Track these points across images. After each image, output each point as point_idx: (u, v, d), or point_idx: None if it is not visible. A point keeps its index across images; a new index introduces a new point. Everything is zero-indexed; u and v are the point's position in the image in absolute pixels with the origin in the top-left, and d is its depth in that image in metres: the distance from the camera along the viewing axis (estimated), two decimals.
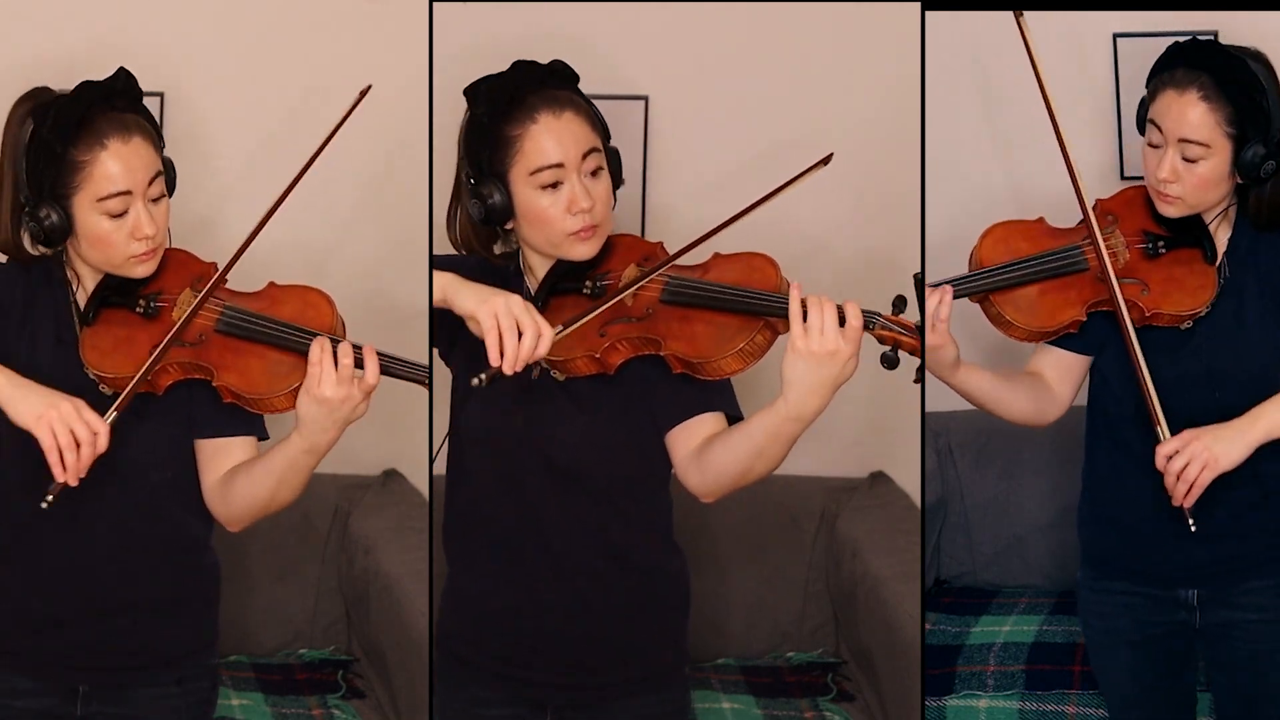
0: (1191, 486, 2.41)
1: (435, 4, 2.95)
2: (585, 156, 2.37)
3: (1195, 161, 2.43)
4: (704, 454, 2.37)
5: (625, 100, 3.38)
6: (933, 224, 3.09)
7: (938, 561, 3.61)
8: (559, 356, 2.35)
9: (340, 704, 3.28)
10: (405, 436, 3.46)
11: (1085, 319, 2.49)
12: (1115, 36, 3.42)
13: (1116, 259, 2.48)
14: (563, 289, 2.41)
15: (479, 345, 2.31)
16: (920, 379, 2.33)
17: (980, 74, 3.47)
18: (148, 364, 2.33)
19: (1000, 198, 3.49)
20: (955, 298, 2.46)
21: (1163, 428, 2.42)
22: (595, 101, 2.44)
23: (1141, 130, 2.51)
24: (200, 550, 2.52)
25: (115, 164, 2.33)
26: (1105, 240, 2.48)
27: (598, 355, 2.35)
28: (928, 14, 2.93)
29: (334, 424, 2.33)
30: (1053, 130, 2.49)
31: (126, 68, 2.41)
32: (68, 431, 2.27)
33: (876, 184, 3.41)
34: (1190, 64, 2.43)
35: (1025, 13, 2.51)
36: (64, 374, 2.37)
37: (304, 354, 2.31)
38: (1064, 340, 2.55)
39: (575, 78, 2.43)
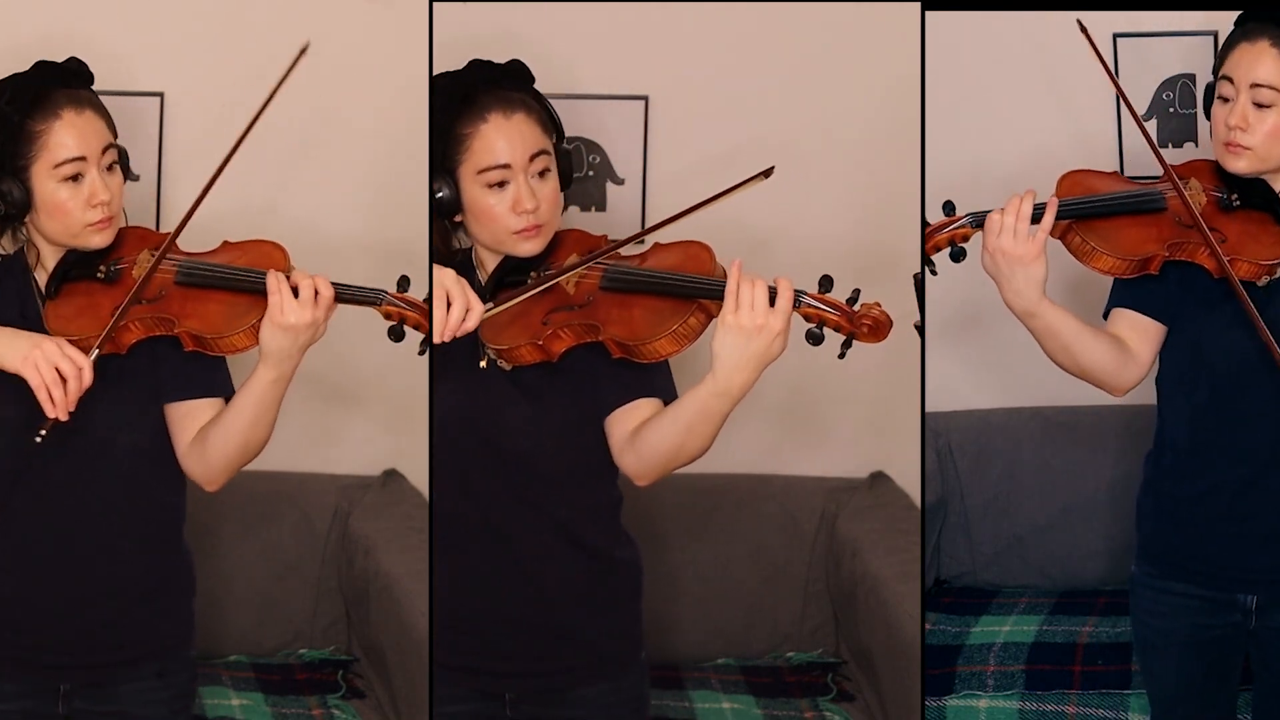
0: None
1: (435, 4, 2.95)
2: (533, 158, 2.43)
3: (1266, 109, 2.46)
4: (638, 435, 2.41)
5: (625, 100, 3.38)
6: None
7: (938, 561, 3.61)
8: (503, 345, 2.40)
9: (340, 704, 3.28)
10: (405, 436, 3.46)
11: (1166, 257, 2.47)
12: (1115, 36, 3.42)
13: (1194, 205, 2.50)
14: (509, 282, 2.47)
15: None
16: (842, 353, 2.33)
17: (983, 70, 3.48)
18: (119, 312, 2.40)
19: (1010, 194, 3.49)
20: (1039, 221, 2.43)
21: None
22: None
23: (1208, 110, 2.54)
24: (176, 537, 2.56)
25: (69, 132, 2.42)
26: (1183, 187, 2.50)
27: (540, 342, 2.39)
28: (928, 14, 2.93)
29: (298, 349, 2.39)
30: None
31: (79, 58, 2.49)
32: (52, 368, 2.35)
33: (876, 183, 3.41)
34: (1261, 18, 2.48)
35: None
36: None
37: (260, 293, 2.39)
38: (1139, 302, 2.54)
39: (530, 78, 2.48)
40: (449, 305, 2.36)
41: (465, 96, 2.43)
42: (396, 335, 2.40)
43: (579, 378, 2.44)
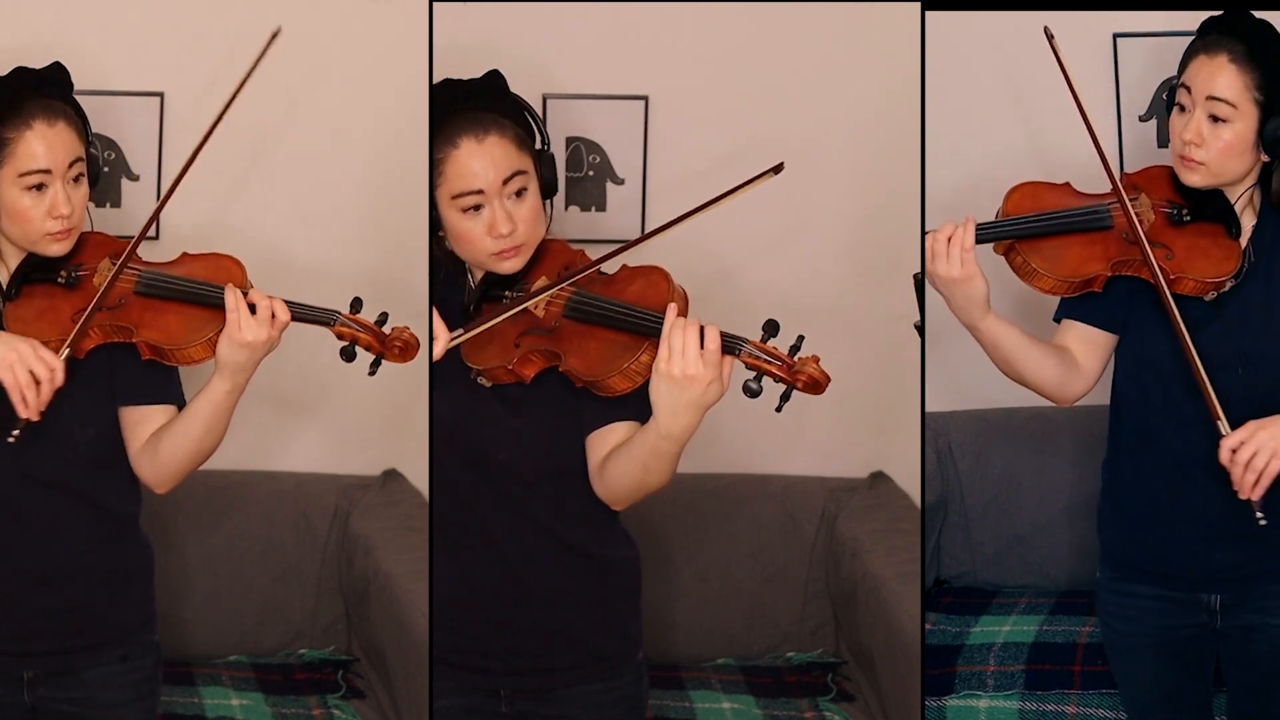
0: (1260, 476, 2.39)
1: (435, 4, 2.95)
2: (507, 181, 2.43)
3: (1222, 123, 2.44)
4: (605, 466, 2.43)
5: (625, 100, 3.38)
6: (933, 219, 3.09)
7: (938, 561, 3.61)
8: (481, 365, 2.42)
9: (340, 704, 3.28)
10: (405, 436, 3.46)
11: (1110, 275, 2.48)
12: (1115, 36, 3.42)
13: (1142, 222, 2.49)
14: (491, 296, 2.49)
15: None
16: (780, 405, 2.29)
17: (983, 70, 3.48)
18: (82, 321, 2.45)
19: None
20: (981, 242, 2.47)
21: (1223, 421, 2.41)
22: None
23: (1169, 111, 2.53)
24: (130, 524, 2.61)
25: (39, 143, 2.45)
26: (1131, 205, 2.50)
27: (510, 366, 2.41)
28: (928, 14, 2.93)
29: (253, 363, 2.44)
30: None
31: (61, 62, 2.51)
32: (27, 371, 2.41)
33: (877, 183, 3.41)
34: (1222, 30, 2.46)
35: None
36: None
37: (217, 307, 2.44)
38: (1087, 314, 2.55)
39: (504, 91, 2.47)
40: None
41: (436, 119, 2.44)
42: (348, 356, 2.43)
43: (562, 394, 2.45)
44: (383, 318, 2.43)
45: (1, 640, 2.54)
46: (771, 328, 2.30)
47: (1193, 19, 2.53)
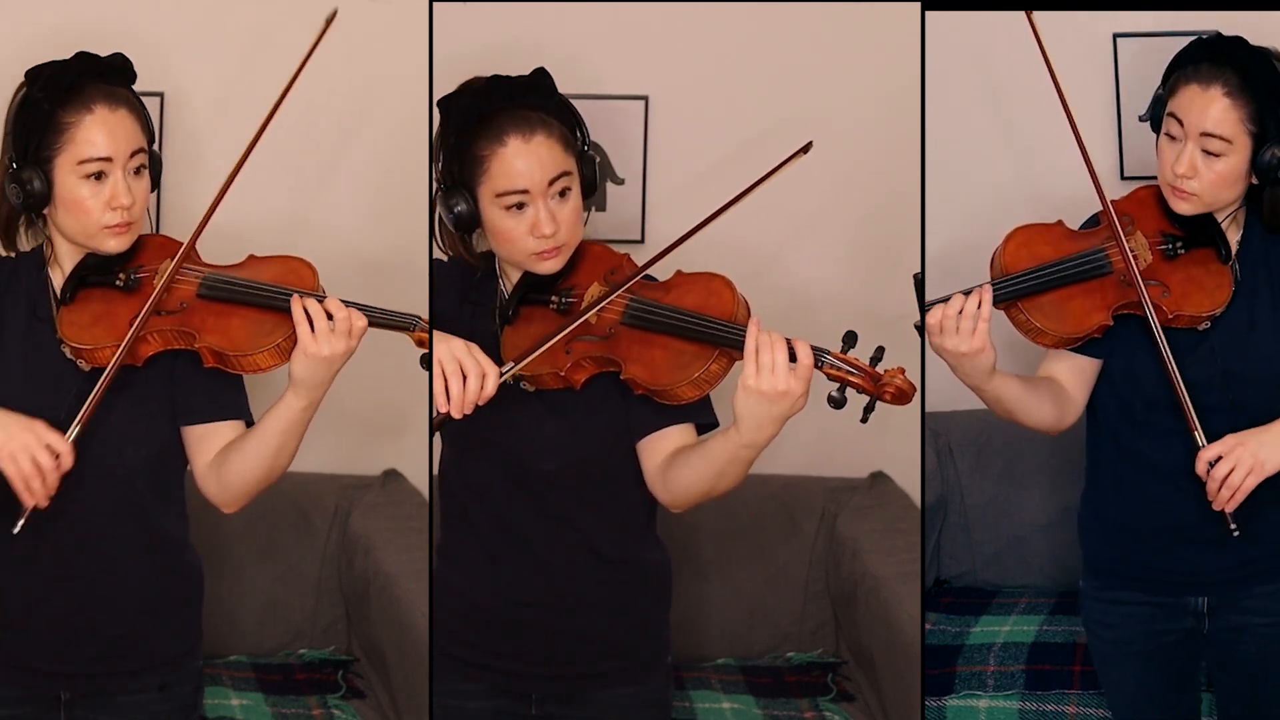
0: (1236, 492, 2.40)
1: (435, 4, 2.95)
2: (552, 182, 2.39)
3: (1215, 157, 2.41)
4: (669, 470, 2.41)
5: (625, 100, 3.38)
6: (937, 225, 3.09)
7: (938, 561, 3.61)
8: (527, 372, 2.39)
9: (340, 704, 3.28)
10: (405, 436, 3.46)
11: (1111, 323, 2.47)
12: (1115, 36, 3.42)
13: (1139, 261, 2.47)
14: (532, 299, 2.44)
15: None
16: (865, 417, 2.31)
17: (984, 73, 3.47)
18: (136, 324, 2.33)
19: (1008, 199, 3.48)
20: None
21: (1199, 433, 2.41)
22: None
23: (1156, 126, 2.50)
24: (180, 549, 2.54)
25: (99, 129, 2.36)
26: (1127, 242, 2.47)
27: (562, 373, 2.38)
28: (927, 14, 2.93)
29: (330, 377, 2.36)
30: (1070, 130, 2.49)
31: (124, 54, 2.44)
32: (30, 460, 2.30)
33: (877, 184, 3.41)
34: (1215, 60, 2.42)
35: (1026, 12, 2.52)
36: (36, 350, 2.41)
37: (287, 311, 2.33)
38: (1081, 346, 2.53)
39: (552, 90, 2.44)
40: (464, 378, 2.31)
41: (482, 116, 2.38)
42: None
43: (609, 398, 2.43)
44: None
45: (41, 660, 2.46)
46: (850, 339, 2.32)
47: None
